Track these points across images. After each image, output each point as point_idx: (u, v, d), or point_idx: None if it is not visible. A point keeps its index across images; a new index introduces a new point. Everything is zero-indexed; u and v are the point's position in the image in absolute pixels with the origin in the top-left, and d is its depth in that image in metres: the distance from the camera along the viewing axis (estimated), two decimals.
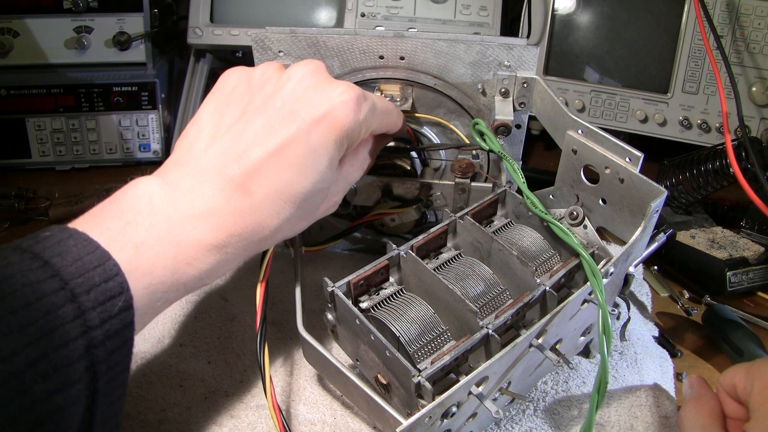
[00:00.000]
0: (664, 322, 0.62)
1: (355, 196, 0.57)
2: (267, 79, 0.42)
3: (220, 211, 0.37)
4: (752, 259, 0.66)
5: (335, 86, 0.41)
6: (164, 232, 0.35)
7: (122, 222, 0.35)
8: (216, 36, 0.86)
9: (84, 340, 0.30)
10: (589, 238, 0.50)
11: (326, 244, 0.58)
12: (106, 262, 0.32)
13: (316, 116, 0.40)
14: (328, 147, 0.40)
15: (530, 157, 0.95)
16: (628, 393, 0.50)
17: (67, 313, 0.29)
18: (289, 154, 0.39)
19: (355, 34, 0.54)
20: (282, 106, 0.40)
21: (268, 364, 0.43)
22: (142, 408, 0.48)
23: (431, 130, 0.60)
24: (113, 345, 0.31)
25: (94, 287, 0.31)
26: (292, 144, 0.39)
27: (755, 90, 0.78)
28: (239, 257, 0.39)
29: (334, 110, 0.40)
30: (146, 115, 0.85)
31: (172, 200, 0.37)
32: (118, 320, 0.31)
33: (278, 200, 0.39)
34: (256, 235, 0.39)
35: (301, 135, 0.39)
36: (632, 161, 0.45)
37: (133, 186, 0.37)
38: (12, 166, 0.84)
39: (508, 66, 0.54)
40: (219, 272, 0.39)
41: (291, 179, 0.39)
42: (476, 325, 0.42)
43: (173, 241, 0.35)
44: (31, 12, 0.80)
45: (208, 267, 0.37)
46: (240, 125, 0.40)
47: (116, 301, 0.32)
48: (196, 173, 0.38)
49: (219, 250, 0.37)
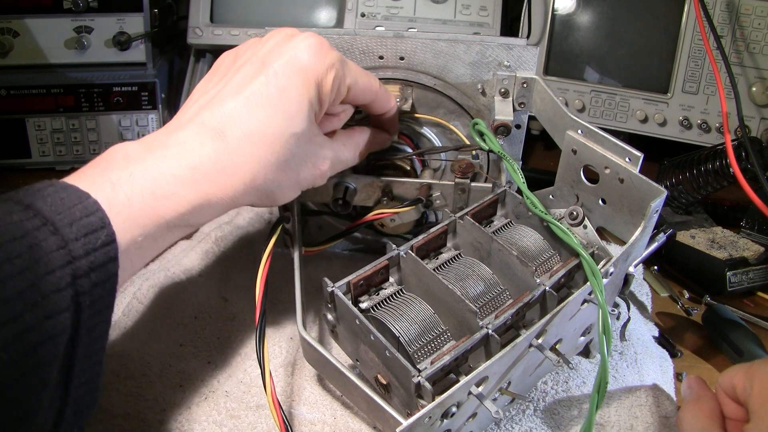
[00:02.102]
0: (664, 322, 0.62)
1: (355, 196, 0.57)
2: (248, 46, 0.45)
3: (193, 151, 0.39)
4: (752, 259, 0.66)
5: (300, 36, 0.44)
6: (139, 171, 0.37)
7: (99, 170, 0.37)
8: (216, 36, 0.86)
9: (69, 269, 0.31)
10: (589, 238, 0.50)
11: (326, 244, 0.58)
12: (85, 200, 0.33)
13: (284, 61, 0.42)
14: (297, 88, 0.42)
15: (530, 157, 0.95)
16: (628, 393, 0.50)
17: (50, 244, 0.31)
18: (259, 97, 0.41)
19: (355, 34, 0.55)
20: (256, 60, 0.43)
21: (267, 359, 0.43)
22: (142, 408, 0.48)
23: (431, 131, 0.60)
24: (97, 277, 0.32)
25: (75, 221, 0.32)
26: (262, 89, 0.41)
27: (755, 90, 0.78)
28: (222, 201, 0.40)
29: (298, 53, 0.43)
30: (146, 115, 0.85)
31: (148, 149, 0.39)
32: (101, 253, 0.32)
33: (252, 142, 0.40)
34: (233, 178, 0.40)
35: (269, 79, 0.41)
36: (632, 161, 0.45)
37: (112, 147, 0.39)
38: (12, 166, 0.84)
39: (507, 66, 0.54)
40: (202, 213, 0.40)
41: (262, 122, 0.41)
42: (476, 325, 0.42)
43: (148, 177, 0.37)
44: (31, 12, 0.80)
45: (188, 204, 0.38)
46: (220, 84, 0.43)
47: (98, 234, 0.33)
48: (174, 126, 0.41)
49: (195, 186, 0.38)
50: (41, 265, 0.30)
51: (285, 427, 0.43)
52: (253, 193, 0.42)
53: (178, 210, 0.38)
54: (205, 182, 0.39)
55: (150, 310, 0.57)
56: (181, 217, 0.38)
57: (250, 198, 0.42)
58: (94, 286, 0.32)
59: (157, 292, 0.59)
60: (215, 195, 0.39)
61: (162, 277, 0.61)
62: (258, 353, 0.44)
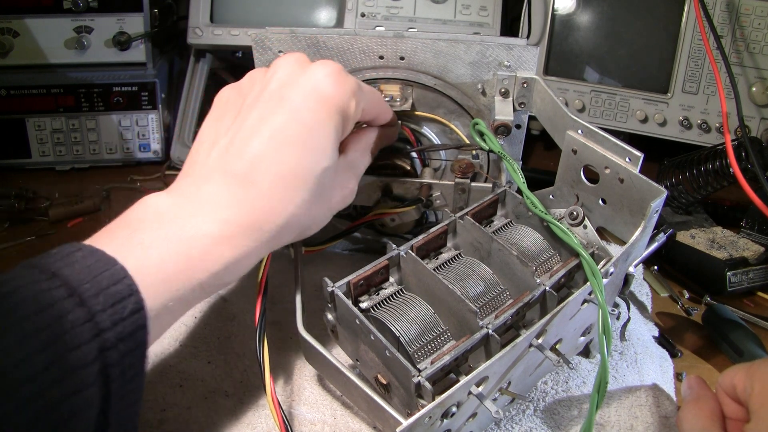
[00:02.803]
0: (664, 322, 0.62)
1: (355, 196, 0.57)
2: (254, 81, 0.43)
3: (226, 204, 0.37)
4: (752, 259, 0.66)
5: (316, 65, 0.42)
6: (171, 232, 0.35)
7: (129, 231, 0.35)
8: (216, 36, 0.86)
9: (96, 343, 0.30)
10: (589, 238, 0.50)
11: (326, 244, 0.58)
12: (113, 267, 0.32)
13: (305, 93, 0.40)
14: (322, 121, 0.40)
15: (530, 157, 0.95)
16: (628, 393, 0.50)
17: (77, 317, 0.30)
18: (286, 137, 0.39)
19: (355, 34, 0.54)
20: (271, 96, 0.41)
21: (267, 359, 0.43)
22: (142, 408, 0.48)
23: (431, 130, 0.60)
24: (126, 347, 0.31)
25: (103, 291, 0.31)
26: (287, 126, 0.39)
27: (755, 90, 0.78)
28: (258, 250, 0.39)
29: (319, 85, 0.41)
30: (146, 115, 0.85)
31: (178, 204, 0.37)
32: (129, 322, 0.31)
33: (285, 185, 0.39)
34: (270, 224, 0.38)
35: (293, 115, 0.40)
36: (632, 161, 0.45)
37: (140, 201, 0.38)
38: (12, 166, 0.84)
39: (508, 66, 0.54)
40: (238, 268, 0.38)
41: (293, 161, 0.39)
42: (476, 325, 0.42)
43: (182, 238, 0.35)
44: (31, 12, 0.80)
45: (223, 261, 0.37)
46: (236, 125, 0.41)
47: (126, 303, 0.31)
48: (200, 177, 0.39)
49: (230, 242, 0.37)
50: (67, 339, 0.29)
51: (285, 427, 0.43)
52: (289, 234, 0.41)
53: (212, 269, 0.36)
54: (240, 236, 0.37)
55: None
56: (215, 276, 0.37)
57: (286, 240, 0.41)
58: (123, 356, 0.31)
59: None
60: (252, 246, 0.38)
61: None
62: (258, 353, 0.44)
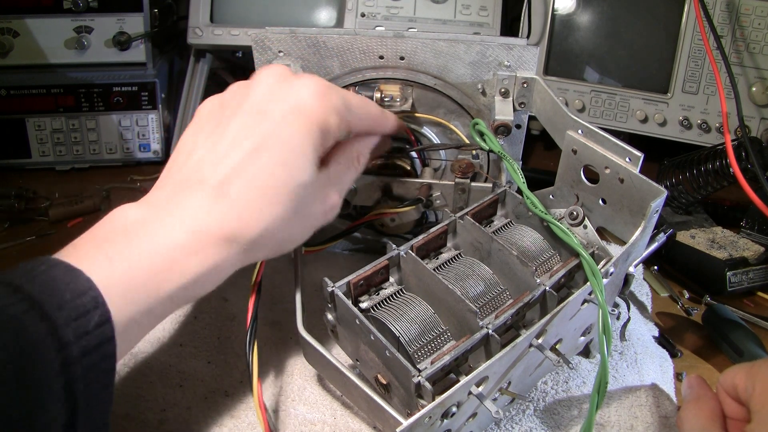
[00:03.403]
0: (664, 322, 0.62)
1: (355, 196, 0.57)
2: (235, 92, 0.42)
3: (197, 215, 0.36)
4: (752, 259, 0.66)
5: (300, 79, 0.41)
6: (139, 243, 0.34)
7: (96, 243, 0.34)
8: (216, 36, 0.86)
9: (60, 358, 0.29)
10: (589, 238, 0.50)
11: (326, 244, 0.58)
12: (77, 279, 0.31)
13: (286, 109, 0.40)
14: (302, 138, 0.39)
15: (530, 157, 0.95)
16: (628, 393, 0.50)
17: (39, 331, 0.29)
18: (265, 152, 0.38)
19: (355, 34, 0.54)
20: (251, 108, 0.40)
21: (257, 363, 0.43)
22: (142, 408, 0.48)
23: (431, 130, 0.60)
24: (91, 361, 0.30)
25: (66, 303, 0.30)
26: (267, 141, 0.39)
27: (755, 90, 0.78)
28: (229, 263, 0.38)
29: (301, 101, 0.40)
30: (146, 115, 0.85)
31: (148, 215, 0.36)
32: (95, 335, 0.30)
33: (260, 198, 0.38)
34: (242, 237, 0.37)
35: (273, 130, 0.39)
36: (632, 161, 0.45)
37: (110, 213, 0.37)
38: (12, 166, 0.84)
39: (508, 66, 0.54)
40: (209, 281, 0.37)
41: (269, 176, 0.38)
42: (476, 325, 0.42)
43: (150, 250, 0.34)
44: (31, 12, 0.80)
45: (192, 274, 0.36)
46: (214, 137, 0.40)
47: (91, 316, 0.30)
48: (173, 188, 0.38)
49: (200, 254, 0.36)
50: (29, 354, 0.28)
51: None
52: (263, 249, 0.39)
53: (180, 282, 0.35)
54: (210, 248, 0.36)
55: None
56: (184, 289, 0.35)
57: (261, 254, 0.40)
58: (88, 370, 0.30)
59: None
60: (222, 259, 0.37)
61: None
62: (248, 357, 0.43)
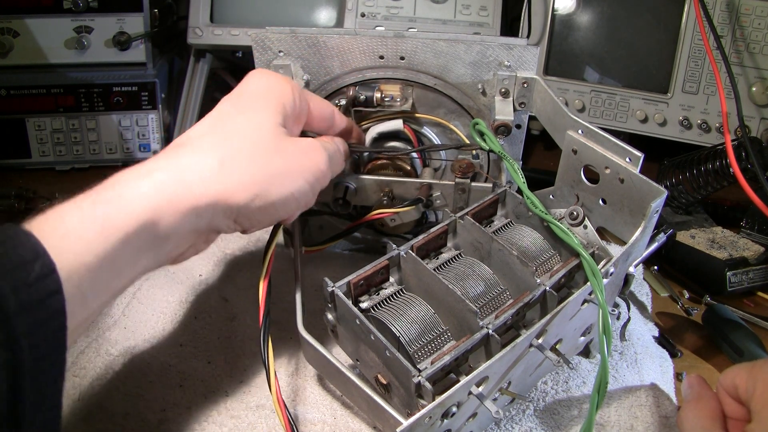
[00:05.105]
0: (664, 322, 0.62)
1: (355, 196, 0.57)
2: None
3: (155, 160, 0.38)
4: (752, 259, 0.66)
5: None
6: (105, 191, 0.34)
7: (77, 200, 0.34)
8: (216, 36, 0.86)
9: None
10: (589, 238, 0.50)
11: (326, 244, 0.58)
12: (16, 233, 0.30)
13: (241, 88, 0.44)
14: (260, 94, 0.44)
15: (530, 157, 0.95)
16: (628, 393, 0.50)
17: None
18: (222, 112, 0.43)
19: (355, 34, 0.54)
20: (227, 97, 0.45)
21: (272, 360, 0.43)
22: (142, 408, 0.48)
23: (431, 130, 0.60)
24: (36, 318, 0.29)
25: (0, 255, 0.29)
26: (225, 105, 0.43)
27: (755, 90, 0.78)
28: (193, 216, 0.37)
29: (250, 79, 0.45)
30: (146, 115, 0.85)
31: (123, 175, 0.36)
32: (36, 289, 0.29)
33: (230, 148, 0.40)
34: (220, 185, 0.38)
35: (231, 98, 0.43)
36: (632, 161, 0.45)
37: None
38: (12, 166, 0.84)
39: (508, 66, 0.54)
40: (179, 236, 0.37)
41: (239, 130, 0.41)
42: (476, 325, 0.42)
43: (111, 195, 0.34)
44: (31, 12, 0.80)
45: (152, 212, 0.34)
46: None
47: (30, 267, 0.29)
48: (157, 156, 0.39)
49: (155, 185, 0.35)
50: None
51: (291, 428, 0.42)
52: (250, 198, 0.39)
53: (141, 219, 0.34)
54: (170, 182, 0.36)
55: (150, 310, 0.57)
56: (143, 228, 0.34)
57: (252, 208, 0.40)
58: (32, 326, 0.28)
59: (158, 292, 0.59)
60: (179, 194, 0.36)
61: (162, 277, 0.61)
62: (263, 354, 0.43)
